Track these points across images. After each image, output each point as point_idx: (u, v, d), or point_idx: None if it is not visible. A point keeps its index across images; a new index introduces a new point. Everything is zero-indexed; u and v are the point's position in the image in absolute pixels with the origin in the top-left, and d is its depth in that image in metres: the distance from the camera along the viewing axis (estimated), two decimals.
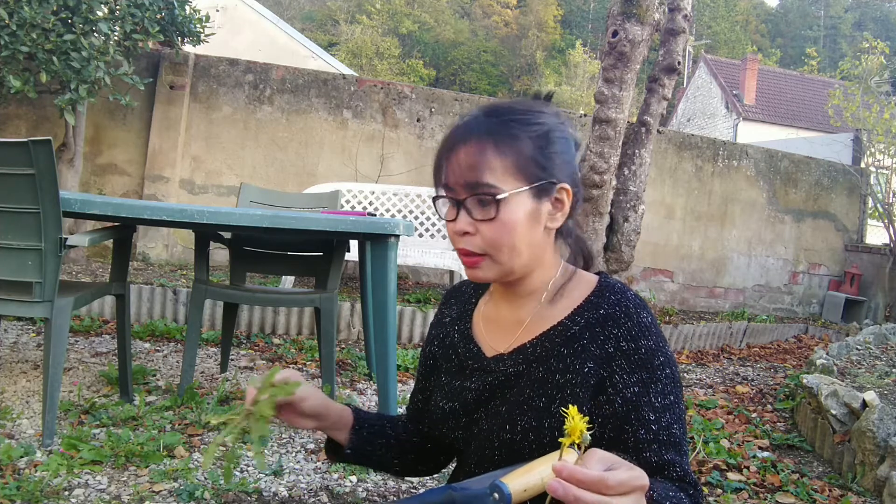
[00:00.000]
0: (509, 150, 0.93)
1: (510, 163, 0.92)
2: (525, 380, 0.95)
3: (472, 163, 0.92)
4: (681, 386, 0.94)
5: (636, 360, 0.91)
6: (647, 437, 0.88)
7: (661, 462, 0.87)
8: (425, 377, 1.14)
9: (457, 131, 0.96)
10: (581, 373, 0.91)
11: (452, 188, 0.94)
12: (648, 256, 6.39)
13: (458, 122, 0.98)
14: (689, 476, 0.87)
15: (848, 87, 8.74)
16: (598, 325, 0.93)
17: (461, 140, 0.94)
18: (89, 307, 3.76)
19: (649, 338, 0.92)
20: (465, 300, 1.12)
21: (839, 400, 2.70)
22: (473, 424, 1.00)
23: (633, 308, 0.94)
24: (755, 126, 22.05)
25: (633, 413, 0.89)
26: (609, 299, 0.95)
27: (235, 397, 2.71)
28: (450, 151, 0.95)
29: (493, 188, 0.91)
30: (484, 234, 0.92)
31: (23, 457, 1.99)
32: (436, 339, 1.13)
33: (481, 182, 0.91)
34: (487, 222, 0.92)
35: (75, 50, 4.04)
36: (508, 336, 1.01)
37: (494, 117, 0.95)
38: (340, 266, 2.78)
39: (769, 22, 47.04)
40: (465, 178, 0.92)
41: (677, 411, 0.91)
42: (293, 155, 5.60)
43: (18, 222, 2.08)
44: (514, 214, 0.92)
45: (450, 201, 0.95)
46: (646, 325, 0.93)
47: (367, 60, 27.89)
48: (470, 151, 0.93)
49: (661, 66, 4.58)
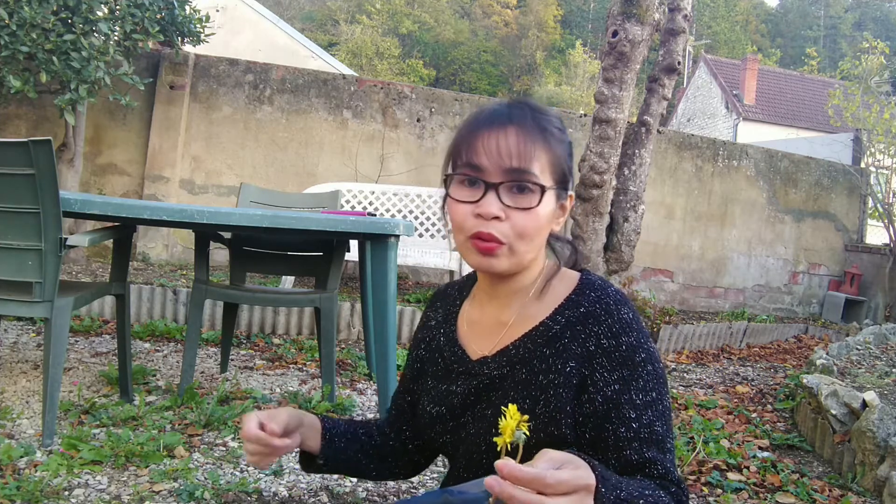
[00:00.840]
0: (551, 148, 0.94)
1: (552, 160, 0.93)
2: (509, 382, 0.95)
3: (521, 149, 0.91)
4: (664, 382, 0.92)
5: (617, 358, 0.90)
6: (628, 436, 0.87)
7: (643, 460, 0.86)
8: (413, 380, 1.12)
9: (498, 114, 0.93)
10: (563, 373, 0.91)
11: (483, 169, 0.91)
12: (648, 256, 6.39)
13: (494, 107, 0.96)
14: (671, 474, 0.86)
15: (848, 87, 8.75)
16: (578, 323, 0.93)
17: (503, 123, 0.92)
18: (89, 307, 3.76)
19: (630, 334, 0.91)
20: (451, 302, 1.11)
21: (839, 400, 2.70)
22: (461, 429, 0.99)
23: (614, 304, 0.93)
24: (755, 126, 22.06)
25: (614, 411, 0.88)
26: (589, 297, 0.95)
27: (235, 397, 2.71)
28: (489, 131, 0.92)
29: (539, 179, 0.91)
30: (515, 222, 0.91)
31: (23, 457, 1.99)
32: (422, 343, 1.12)
33: (529, 171, 0.90)
34: (523, 211, 0.91)
35: (75, 50, 4.04)
36: (492, 338, 1.00)
37: (537, 113, 0.95)
38: (340, 266, 2.78)
39: (769, 22, 47.04)
40: (508, 162, 0.90)
41: (660, 408, 0.89)
42: (293, 155, 5.60)
43: (18, 222, 2.08)
44: (545, 209, 0.93)
45: (474, 182, 0.92)
46: (626, 322, 0.92)
47: (367, 60, 27.89)
48: (518, 137, 0.91)
49: (661, 66, 4.58)
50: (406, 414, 1.13)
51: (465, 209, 0.92)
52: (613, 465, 0.87)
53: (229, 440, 2.28)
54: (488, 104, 0.98)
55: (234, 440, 2.29)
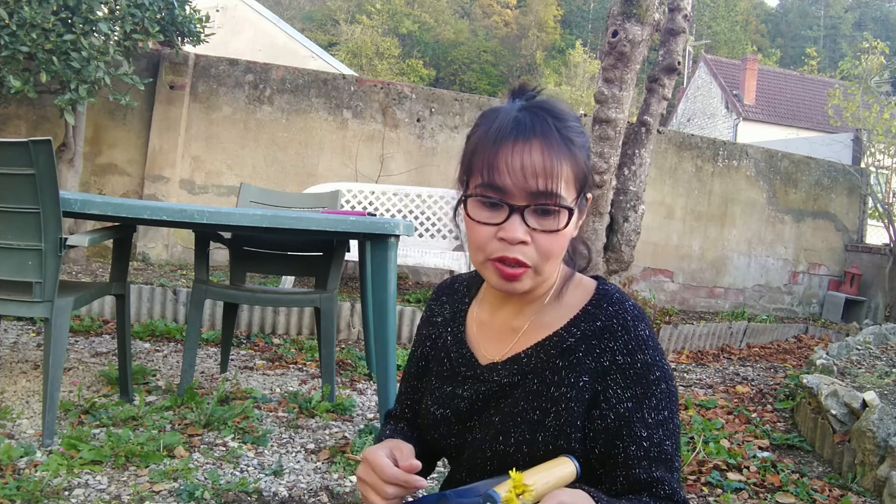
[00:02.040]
0: (575, 159, 0.87)
1: (575, 172, 0.88)
2: (519, 391, 0.93)
3: (548, 170, 0.84)
4: (676, 401, 0.92)
5: (631, 375, 0.88)
6: (638, 454, 0.86)
7: (651, 479, 0.85)
8: (418, 378, 1.09)
9: (521, 127, 0.86)
10: (576, 386, 0.89)
11: (506, 191, 0.85)
12: (648, 256, 6.39)
13: (516, 114, 0.87)
14: (677, 494, 0.85)
15: (848, 87, 8.74)
16: (594, 337, 0.91)
17: (527, 138, 0.85)
18: (89, 307, 3.76)
19: (646, 352, 0.90)
20: (458, 299, 1.07)
21: (839, 400, 2.70)
22: (467, 432, 0.97)
23: (631, 320, 0.91)
24: (755, 126, 22.06)
25: (626, 429, 0.87)
26: (607, 311, 0.93)
27: (235, 397, 2.71)
28: (512, 147, 0.85)
29: (564, 199, 0.86)
30: (540, 245, 0.86)
31: (23, 457, 1.99)
32: (427, 340, 1.08)
33: (554, 192, 0.85)
34: (549, 234, 0.86)
35: (75, 50, 4.04)
36: (503, 343, 0.98)
37: (559, 120, 0.88)
38: (340, 266, 2.78)
39: (769, 22, 47.05)
40: (533, 184, 0.84)
41: (670, 427, 0.88)
42: (293, 155, 5.60)
43: (18, 222, 2.08)
44: (571, 226, 0.89)
45: (497, 203, 0.86)
46: (643, 339, 0.90)
47: (367, 60, 27.90)
48: (544, 155, 0.85)
49: (661, 66, 4.58)
50: (415, 413, 1.09)
51: (486, 231, 0.87)
52: (621, 482, 0.87)
53: (229, 440, 2.28)
54: (503, 109, 0.89)
55: (234, 440, 2.29)
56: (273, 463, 2.15)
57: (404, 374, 1.13)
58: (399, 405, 1.13)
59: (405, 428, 1.09)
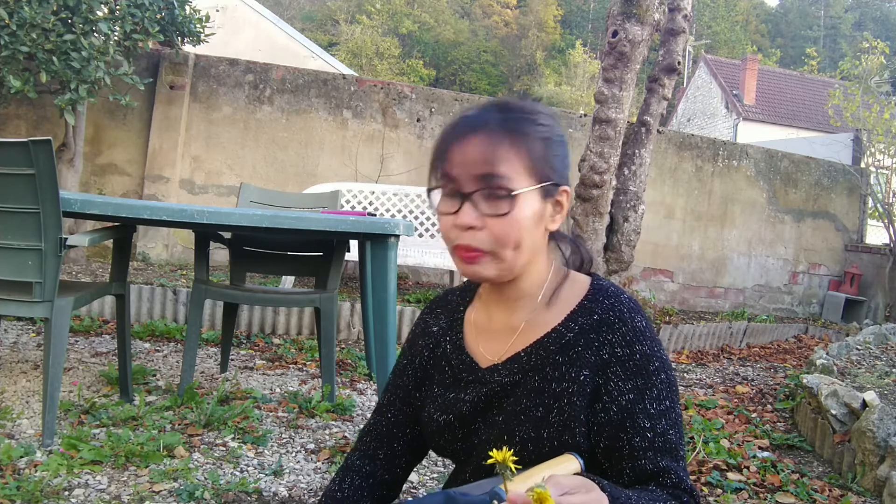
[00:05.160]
0: (524, 147, 0.90)
1: (524, 160, 0.90)
2: (521, 389, 0.94)
3: (487, 155, 0.88)
4: (677, 390, 0.92)
5: (631, 367, 0.89)
6: (643, 445, 0.87)
7: (657, 469, 0.86)
8: (415, 389, 1.07)
9: (466, 121, 0.92)
10: (577, 381, 0.90)
11: (455, 179, 0.90)
12: (648, 256, 6.39)
13: (466, 113, 0.94)
14: (683, 483, 0.86)
15: (848, 87, 8.74)
16: (592, 330, 0.92)
17: (471, 130, 0.90)
18: (89, 307, 3.76)
19: (644, 343, 0.91)
20: (453, 308, 1.08)
21: (839, 400, 2.70)
22: (472, 435, 0.98)
23: (628, 312, 0.93)
24: (755, 126, 22.06)
25: (629, 420, 0.88)
26: (603, 304, 0.94)
27: (235, 397, 2.71)
28: (457, 141, 0.90)
29: (509, 183, 0.88)
30: (492, 230, 0.89)
31: (23, 457, 1.99)
32: (425, 350, 1.07)
33: (496, 175, 0.88)
34: (497, 217, 0.88)
35: (75, 50, 4.04)
36: (502, 344, 0.98)
37: (507, 113, 0.92)
38: (340, 266, 2.78)
39: (769, 22, 47.03)
40: (476, 170, 0.88)
41: (673, 416, 0.89)
42: (293, 155, 5.60)
43: (18, 222, 2.08)
44: (524, 212, 0.89)
45: (452, 193, 0.91)
46: (640, 330, 0.92)
47: (367, 60, 27.89)
48: (484, 143, 0.89)
49: (661, 66, 4.58)
50: (401, 426, 1.08)
51: (446, 221, 0.91)
52: (627, 473, 0.87)
53: (229, 440, 2.28)
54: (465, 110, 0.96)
55: (234, 440, 2.29)
56: (273, 463, 2.15)
57: (389, 387, 1.10)
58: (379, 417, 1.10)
59: (359, 482, 1.06)
